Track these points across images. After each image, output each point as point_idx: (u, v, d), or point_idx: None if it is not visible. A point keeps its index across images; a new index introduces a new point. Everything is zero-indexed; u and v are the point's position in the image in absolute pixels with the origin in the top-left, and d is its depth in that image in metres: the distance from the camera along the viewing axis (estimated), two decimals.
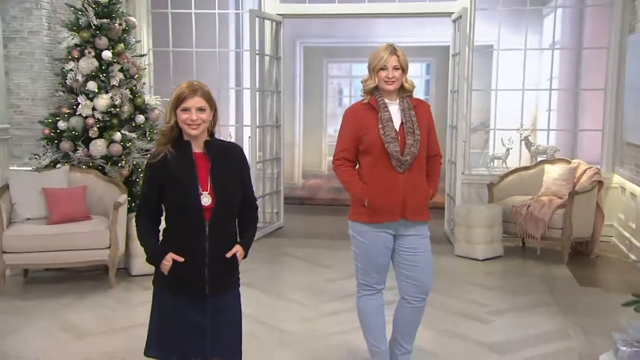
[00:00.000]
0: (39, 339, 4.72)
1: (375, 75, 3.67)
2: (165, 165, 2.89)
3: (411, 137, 3.65)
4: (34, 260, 5.75)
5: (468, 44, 7.74)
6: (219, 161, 2.96)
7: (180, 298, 2.95)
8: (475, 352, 4.50)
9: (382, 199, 3.67)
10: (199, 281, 2.92)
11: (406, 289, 3.82)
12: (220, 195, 2.91)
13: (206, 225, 2.89)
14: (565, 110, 9.33)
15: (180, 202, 2.90)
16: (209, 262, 2.92)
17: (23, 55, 7.07)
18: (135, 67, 6.65)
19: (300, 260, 6.95)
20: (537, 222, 6.81)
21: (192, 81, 2.93)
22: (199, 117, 2.85)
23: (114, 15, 6.48)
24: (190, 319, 2.95)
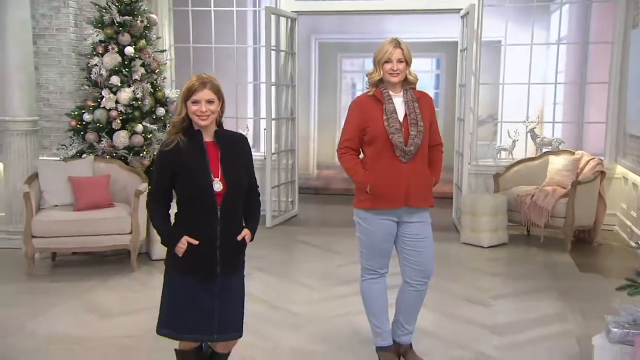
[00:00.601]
0: (66, 318, 4.82)
1: (380, 67, 3.69)
2: (178, 153, 2.94)
3: (414, 128, 3.68)
4: (61, 245, 5.87)
5: (476, 39, 7.73)
6: (228, 150, 3.02)
7: (191, 279, 3.01)
8: (477, 333, 4.53)
9: (386, 187, 3.70)
10: (211, 263, 2.99)
11: (409, 273, 3.86)
12: (231, 181, 2.97)
13: (218, 210, 2.96)
14: (571, 103, 9.26)
15: (193, 188, 2.96)
16: (220, 245, 2.99)
17: (52, 51, 7.18)
18: (156, 62, 6.73)
19: (313, 247, 7.00)
20: (540, 210, 6.81)
21: (202, 74, 2.99)
22: (208, 108, 2.91)
23: (136, 13, 6.56)
24: (200, 300, 3.01)
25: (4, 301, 5.17)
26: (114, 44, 6.45)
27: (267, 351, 4.21)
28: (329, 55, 12.79)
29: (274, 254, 6.67)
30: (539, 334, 4.52)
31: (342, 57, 13.60)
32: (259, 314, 4.87)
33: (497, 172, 7.56)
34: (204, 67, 8.53)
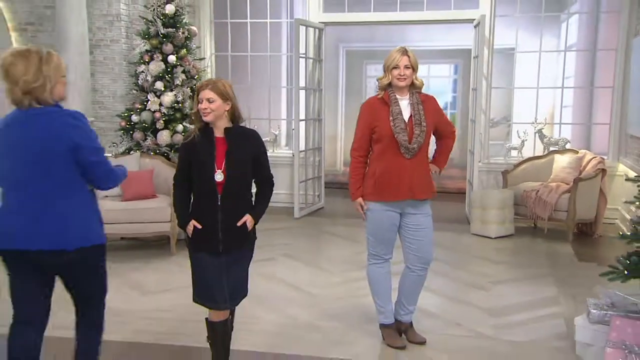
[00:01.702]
0: (113, 294, 4.91)
1: (389, 73, 3.79)
2: (193, 146, 3.16)
3: (418, 128, 3.78)
4: (111, 231, 5.99)
5: (488, 47, 7.77)
6: (236, 144, 3.17)
7: (202, 255, 3.22)
8: (474, 314, 4.62)
9: (392, 182, 3.81)
10: (215, 242, 3.18)
11: (411, 259, 3.97)
12: (232, 173, 3.14)
13: (218, 198, 3.14)
14: (580, 106, 9.21)
15: (200, 177, 3.16)
16: (221, 228, 3.17)
17: (106, 60, 7.48)
18: (195, 69, 6.94)
19: (336, 236, 7.13)
20: (544, 205, 6.83)
21: (211, 78, 3.21)
22: (208, 106, 3.09)
23: (178, 25, 6.77)
24: (211, 273, 3.20)
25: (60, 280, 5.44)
26: (158, 53, 6.69)
27: (287, 325, 4.37)
28: (355, 62, 12.91)
29: (300, 242, 6.84)
30: (531, 315, 4.59)
31: (367, 63, 13.71)
32: (282, 293, 5.05)
33: (506, 169, 7.59)
34: (241, 74, 8.77)
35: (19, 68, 2.74)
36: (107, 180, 2.94)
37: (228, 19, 8.70)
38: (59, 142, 2.76)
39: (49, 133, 2.77)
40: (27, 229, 2.80)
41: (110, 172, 2.94)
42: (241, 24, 8.74)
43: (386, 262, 4.04)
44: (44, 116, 2.80)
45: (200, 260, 3.23)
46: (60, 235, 2.82)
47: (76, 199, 2.87)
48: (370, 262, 4.07)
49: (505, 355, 3.92)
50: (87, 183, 2.91)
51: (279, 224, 7.39)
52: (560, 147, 7.81)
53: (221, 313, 3.31)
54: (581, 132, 9.05)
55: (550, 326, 4.34)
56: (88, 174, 2.86)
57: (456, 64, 13.46)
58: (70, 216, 2.83)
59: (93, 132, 2.92)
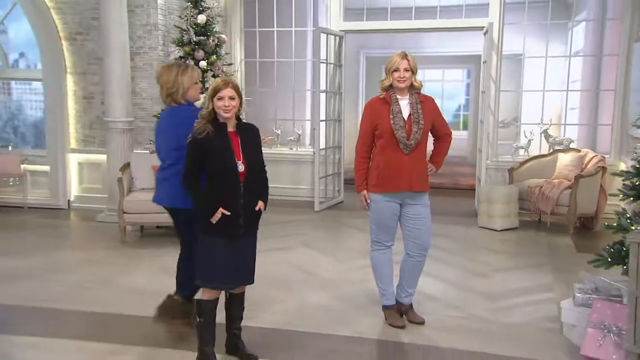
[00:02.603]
0: (145, 276, 5.27)
1: (390, 75, 3.88)
2: (207, 140, 3.17)
3: (416, 125, 3.87)
4: (146, 220, 6.32)
5: (496, 52, 7.77)
6: (246, 137, 3.29)
7: (219, 240, 3.26)
8: (471, 298, 4.70)
9: (392, 175, 3.90)
10: (236, 227, 3.26)
11: (410, 246, 4.06)
12: (250, 163, 3.25)
13: (241, 186, 3.23)
14: (587, 108, 9.13)
15: (221, 169, 3.21)
16: (243, 213, 3.26)
17: (145, 66, 7.64)
18: (224, 73, 7.06)
19: (352, 228, 7.21)
20: (547, 200, 6.83)
21: (225, 77, 3.29)
22: (230, 103, 3.16)
23: (209, 34, 6.92)
24: (226, 256, 3.28)
25: (102, 261, 5.69)
26: (191, 58, 6.83)
27: (298, 306, 4.51)
28: (374, 67, 12.91)
29: (318, 232, 6.96)
30: (525, 300, 4.66)
31: None
32: (296, 277, 5.19)
33: (512, 167, 7.60)
34: (268, 78, 8.93)
35: (164, 78, 3.75)
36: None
37: (256, 28, 8.87)
38: (175, 131, 3.58)
39: (175, 124, 3.64)
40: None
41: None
42: (268, 32, 8.90)
43: (388, 248, 4.13)
44: (175, 112, 3.72)
45: (215, 245, 3.27)
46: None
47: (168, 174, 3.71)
48: (373, 249, 4.16)
49: (498, 334, 3.98)
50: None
51: (299, 216, 7.53)
52: (565, 146, 7.78)
53: (216, 293, 3.39)
54: (587, 132, 8.98)
55: (542, 310, 4.40)
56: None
57: (469, 69, 13.41)
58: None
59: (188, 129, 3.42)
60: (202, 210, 3.28)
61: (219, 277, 3.33)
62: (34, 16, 7.96)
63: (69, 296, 4.70)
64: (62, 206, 8.13)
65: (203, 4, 6.95)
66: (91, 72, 7.90)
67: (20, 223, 7.41)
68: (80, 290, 4.84)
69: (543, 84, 8.14)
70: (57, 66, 7.98)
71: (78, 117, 8.11)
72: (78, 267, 5.56)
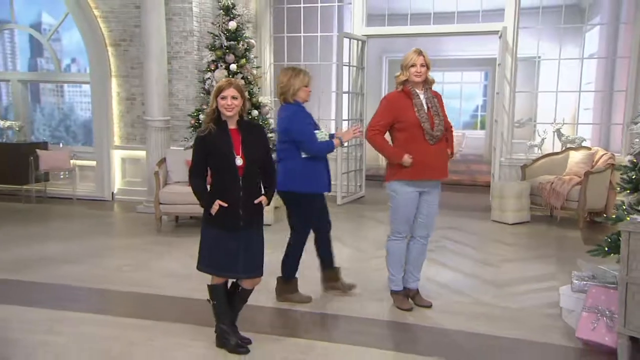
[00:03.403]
0: (176, 261, 5.41)
1: (406, 70, 3.90)
2: (210, 138, 3.22)
3: (437, 118, 3.92)
4: (180, 210, 6.50)
5: (511, 55, 7.74)
6: (247, 135, 3.30)
7: (221, 231, 3.28)
8: (478, 285, 4.74)
9: (421, 164, 3.88)
10: (236, 218, 3.26)
11: (419, 231, 4.13)
12: (249, 158, 3.25)
13: (240, 179, 3.25)
14: (601, 108, 9.01)
15: (221, 163, 3.23)
16: (242, 205, 3.26)
17: (181, 69, 7.84)
18: (252, 75, 7.24)
19: (372, 220, 7.29)
20: (558, 195, 6.79)
21: (229, 78, 3.33)
22: (232, 102, 3.20)
23: (239, 39, 7.08)
24: (228, 246, 3.29)
25: (139, 247, 5.89)
26: (222, 62, 7.02)
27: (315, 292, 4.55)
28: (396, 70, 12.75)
29: (339, 224, 6.91)
30: (529, 288, 4.66)
31: None
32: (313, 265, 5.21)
33: (525, 164, 7.56)
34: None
35: (279, 79, 4.10)
36: (310, 151, 3.99)
37: (285, 34, 9.00)
38: (280, 125, 4.07)
39: (281, 120, 4.07)
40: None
41: (311, 145, 3.98)
42: (296, 38, 9.03)
43: (404, 239, 4.16)
44: (283, 109, 4.08)
45: (215, 236, 3.28)
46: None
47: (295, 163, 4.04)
48: (391, 239, 4.16)
49: (500, 318, 4.02)
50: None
51: None
52: (577, 144, 7.70)
53: (222, 278, 3.41)
54: (601, 131, 8.87)
55: (544, 296, 4.40)
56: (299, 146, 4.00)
57: (486, 71, 13.32)
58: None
59: (300, 121, 4.00)
60: (202, 203, 3.30)
61: (216, 265, 3.33)
62: (84, 25, 8.24)
63: (109, 278, 4.90)
64: (106, 198, 8.41)
65: (234, 12, 7.11)
66: (133, 76, 8.14)
67: (69, 213, 7.70)
68: (119, 273, 5.04)
69: (556, 86, 8.06)
70: (103, 70, 8.25)
71: (121, 117, 8.37)
72: (118, 252, 5.79)
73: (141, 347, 3.52)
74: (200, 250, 3.39)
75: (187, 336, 3.67)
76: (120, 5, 8.08)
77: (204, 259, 3.37)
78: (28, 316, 4.00)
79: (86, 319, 3.98)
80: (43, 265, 5.21)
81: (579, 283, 3.67)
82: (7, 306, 4.12)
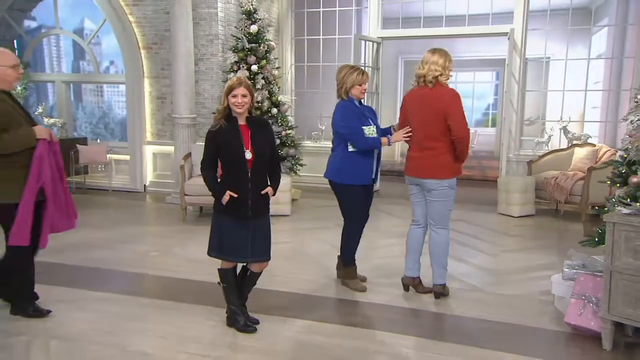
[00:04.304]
0: (198, 248, 5.46)
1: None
2: (221, 133, 3.30)
3: None
4: (204, 201, 6.56)
5: (519, 55, 7.67)
6: (256, 130, 3.37)
7: (231, 219, 3.36)
8: (476, 272, 4.76)
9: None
10: (245, 208, 3.33)
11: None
12: (257, 152, 3.32)
13: (249, 172, 3.31)
14: (608, 107, 8.85)
15: (232, 157, 3.30)
16: (251, 196, 3.33)
17: (207, 70, 7.95)
18: (272, 76, 7.31)
19: (383, 213, 7.28)
20: (561, 190, 6.72)
21: (240, 77, 3.40)
22: (243, 100, 3.28)
23: (260, 41, 7.17)
24: (238, 233, 3.38)
25: (165, 235, 6.05)
26: (244, 63, 7.11)
27: (324, 276, 4.67)
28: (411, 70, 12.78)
29: None
30: (526, 276, 4.66)
31: None
32: (328, 253, 5.33)
33: (531, 160, 7.49)
34: (314, 80, 9.11)
35: (337, 76, 4.18)
36: (355, 145, 4.01)
37: (305, 36, 9.06)
38: (333, 120, 4.12)
39: (333, 114, 4.13)
40: None
41: (355, 140, 3.99)
42: (315, 40, 9.08)
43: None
44: (337, 105, 4.16)
45: (226, 224, 3.36)
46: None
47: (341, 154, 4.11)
48: (448, 229, 4.06)
49: (495, 304, 4.04)
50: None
51: (331, 201, 7.35)
52: (582, 141, 7.59)
53: (231, 263, 3.49)
54: (608, 129, 8.71)
55: (539, 284, 4.40)
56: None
57: (497, 71, 13.16)
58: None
59: (347, 116, 4.03)
60: (213, 194, 3.38)
61: (226, 251, 3.41)
62: (119, 30, 8.43)
63: (138, 262, 5.06)
64: (139, 190, 8.62)
65: (255, 16, 7.20)
66: (163, 76, 8.31)
67: (104, 203, 7.93)
68: (146, 258, 5.20)
69: (563, 85, 7.95)
70: (137, 71, 8.44)
71: (153, 115, 8.55)
72: (147, 239, 5.96)
73: (160, 325, 3.66)
74: (210, 238, 3.47)
75: (202, 316, 3.79)
76: (152, 12, 8.24)
77: (215, 245, 3.46)
78: (66, 295, 4.18)
79: (113, 299, 4.14)
80: (81, 250, 5.40)
81: (569, 271, 3.66)
82: (49, 286, 4.28)
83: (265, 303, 3.97)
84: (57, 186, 3.62)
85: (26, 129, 3.49)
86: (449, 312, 3.89)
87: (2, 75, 3.50)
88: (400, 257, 4.54)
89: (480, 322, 3.71)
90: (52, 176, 3.57)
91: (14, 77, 3.56)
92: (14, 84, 3.60)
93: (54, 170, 3.59)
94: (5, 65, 3.51)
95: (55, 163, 3.61)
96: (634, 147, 3.47)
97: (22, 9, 9.86)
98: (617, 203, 3.44)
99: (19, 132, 3.45)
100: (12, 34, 9.84)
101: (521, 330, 3.58)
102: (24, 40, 9.85)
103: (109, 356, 3.23)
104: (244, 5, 7.25)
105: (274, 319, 3.72)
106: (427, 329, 3.64)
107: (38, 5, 9.86)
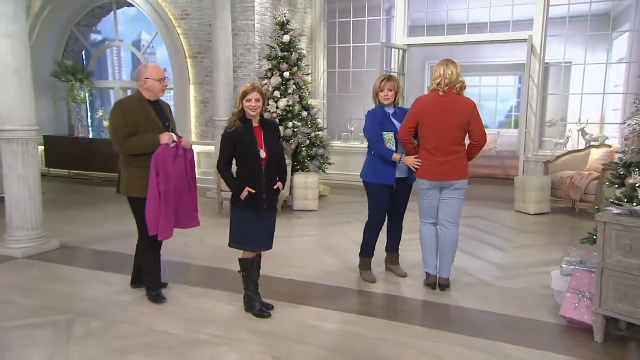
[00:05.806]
0: (221, 238, 5.60)
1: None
2: (237, 134, 3.36)
3: None
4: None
5: (539, 61, 7.43)
6: (268, 131, 3.44)
7: (249, 212, 3.44)
8: (484, 267, 4.66)
9: None
10: (260, 202, 3.41)
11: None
12: (271, 151, 3.39)
13: (263, 170, 3.38)
14: (625, 109, 8.44)
15: (248, 156, 3.36)
16: (265, 191, 3.41)
17: (244, 77, 8.08)
18: (303, 81, 7.36)
19: None
20: (577, 189, 6.49)
21: (254, 83, 3.45)
22: (256, 104, 3.35)
23: (292, 50, 7.23)
24: (255, 225, 3.46)
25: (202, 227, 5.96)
26: (277, 70, 7.19)
27: (340, 267, 4.70)
28: None
29: (364, 212, 6.96)
30: (533, 271, 4.54)
31: None
32: (347, 246, 5.33)
33: (548, 160, 7.26)
34: (345, 85, 9.10)
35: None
36: (373, 150, 4.08)
37: (337, 44, 9.08)
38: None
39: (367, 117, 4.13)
40: None
41: (374, 146, 4.04)
42: (346, 48, 9.08)
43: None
44: (368, 112, 4.17)
45: (246, 217, 3.43)
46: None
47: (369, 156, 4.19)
48: (460, 226, 4.05)
49: (496, 296, 3.98)
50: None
51: (357, 198, 7.64)
52: (600, 143, 7.30)
53: (252, 253, 3.57)
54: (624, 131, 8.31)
55: (542, 279, 4.28)
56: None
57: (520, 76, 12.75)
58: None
59: (369, 122, 4.05)
60: (232, 189, 3.43)
61: (251, 241, 3.49)
62: (169, 41, 8.69)
63: (176, 251, 5.18)
64: None
65: (288, 27, 7.27)
66: (206, 83, 8.50)
67: None
68: (183, 247, 5.35)
69: (581, 89, 7.66)
70: (184, 78, 8.67)
71: (197, 118, 8.77)
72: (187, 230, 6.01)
73: (186, 308, 3.78)
74: (231, 232, 3.53)
75: (224, 301, 3.89)
76: (198, 24, 8.45)
77: (235, 237, 3.53)
78: (109, 280, 4.36)
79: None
80: (127, 239, 5.59)
81: (567, 267, 3.56)
82: (95, 271, 4.49)
83: (280, 290, 4.03)
84: (181, 186, 3.67)
85: (151, 135, 3.61)
86: (454, 303, 3.84)
87: (151, 87, 3.71)
88: (411, 252, 4.51)
89: (483, 314, 3.66)
90: (177, 176, 3.61)
91: (159, 89, 3.75)
92: (159, 95, 3.79)
93: (180, 172, 3.64)
94: (154, 79, 3.71)
95: (183, 165, 3.66)
96: (630, 149, 3.33)
97: (88, 25, 10.32)
98: (610, 204, 3.31)
99: (144, 137, 3.60)
100: (79, 46, 10.32)
101: (521, 322, 3.51)
102: (90, 52, 10.30)
103: (134, 335, 3.35)
104: (278, 17, 7.33)
105: (287, 306, 3.77)
106: (431, 319, 3.60)
107: (102, 21, 10.30)
